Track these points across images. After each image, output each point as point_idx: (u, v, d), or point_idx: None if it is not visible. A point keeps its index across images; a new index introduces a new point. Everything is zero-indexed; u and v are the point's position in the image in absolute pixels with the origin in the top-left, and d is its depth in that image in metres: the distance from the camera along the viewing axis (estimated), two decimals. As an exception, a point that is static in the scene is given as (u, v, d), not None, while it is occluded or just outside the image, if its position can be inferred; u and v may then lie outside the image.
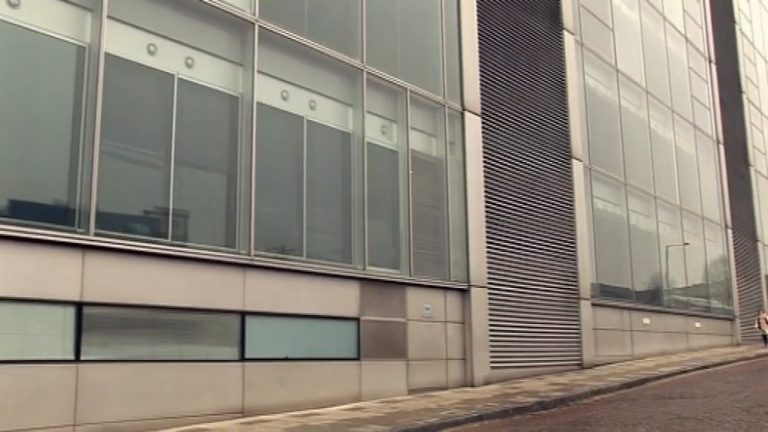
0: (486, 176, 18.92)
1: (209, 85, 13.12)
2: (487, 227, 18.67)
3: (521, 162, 20.72)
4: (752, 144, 41.75)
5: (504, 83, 20.61)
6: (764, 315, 33.65)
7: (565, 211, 22.28)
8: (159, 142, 12.24)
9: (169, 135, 12.24)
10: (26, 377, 9.79)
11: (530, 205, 20.75)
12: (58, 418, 10.01)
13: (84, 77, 11.15)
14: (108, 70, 11.31)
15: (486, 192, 18.81)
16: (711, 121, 36.83)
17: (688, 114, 34.27)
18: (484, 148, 19.02)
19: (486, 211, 18.72)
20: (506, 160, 20.11)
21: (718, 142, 36.88)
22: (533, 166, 21.19)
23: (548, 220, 21.40)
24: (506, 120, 20.41)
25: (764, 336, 33.18)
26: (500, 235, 19.30)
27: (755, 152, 42.15)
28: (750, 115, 42.26)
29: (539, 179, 21.31)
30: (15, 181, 10.34)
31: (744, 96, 41.79)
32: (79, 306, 10.46)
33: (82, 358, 10.40)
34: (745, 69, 42.72)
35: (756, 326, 34.13)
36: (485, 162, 18.96)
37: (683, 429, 10.34)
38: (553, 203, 21.82)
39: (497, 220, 19.25)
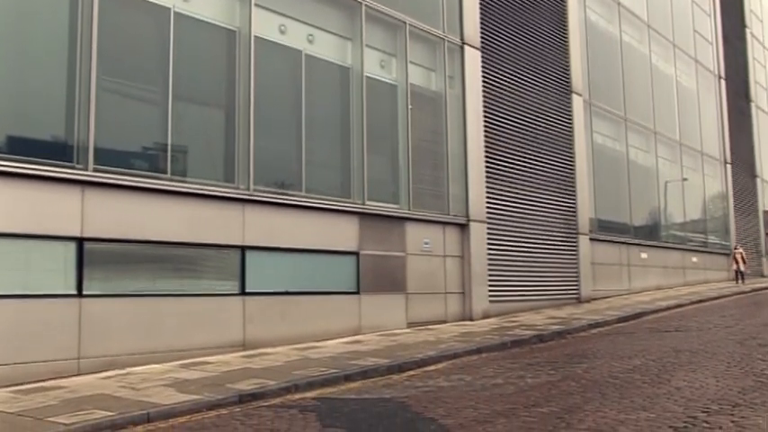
0: (485, 111, 18.79)
1: (207, 19, 12.91)
2: (487, 161, 18.63)
3: (520, 96, 20.54)
4: (753, 80, 41.36)
5: (505, 16, 20.28)
6: (740, 251, 33.23)
7: (564, 147, 22.18)
8: (156, 77, 12.11)
9: (166, 70, 12.09)
10: (30, 311, 9.89)
11: (529, 140, 20.65)
12: (62, 352, 10.15)
13: (79, 12, 10.94)
14: (103, 4, 11.10)
15: (485, 126, 18.71)
16: (713, 55, 36.42)
17: (690, 49, 33.86)
18: (483, 82, 18.84)
19: (486, 146, 18.65)
20: (506, 95, 19.93)
21: (719, 77, 36.54)
22: (533, 101, 21.02)
23: (547, 155, 21.32)
24: (506, 54, 20.16)
25: (737, 272, 32.15)
26: (499, 170, 19.26)
27: (757, 88, 41.78)
28: (753, 50, 41.76)
29: (538, 114, 21.16)
30: (13, 117, 10.26)
31: (747, 31, 41.21)
32: (80, 241, 10.51)
33: (84, 293, 10.49)
34: (750, 3, 42.03)
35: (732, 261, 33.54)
36: (484, 96, 18.81)
37: (678, 361, 10.51)
38: (552, 138, 21.71)
39: (497, 154, 19.18)
